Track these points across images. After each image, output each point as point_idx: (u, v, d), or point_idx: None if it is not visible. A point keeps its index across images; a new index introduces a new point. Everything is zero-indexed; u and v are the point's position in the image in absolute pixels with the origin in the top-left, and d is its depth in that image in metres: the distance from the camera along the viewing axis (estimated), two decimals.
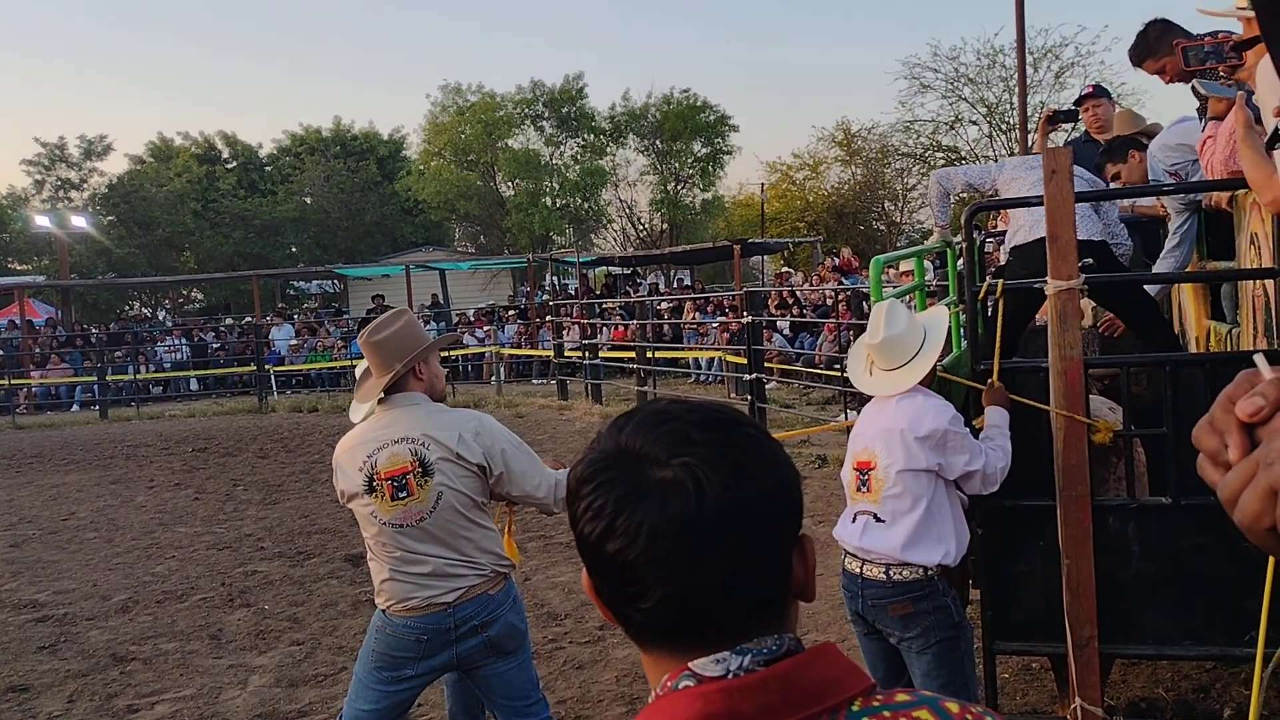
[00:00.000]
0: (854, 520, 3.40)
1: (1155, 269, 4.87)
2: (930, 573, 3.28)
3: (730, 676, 0.91)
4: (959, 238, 4.74)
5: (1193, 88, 3.91)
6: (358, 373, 3.89)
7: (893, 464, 3.28)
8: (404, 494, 3.27)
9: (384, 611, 3.36)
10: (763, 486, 0.93)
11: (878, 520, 3.31)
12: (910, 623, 3.30)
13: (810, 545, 0.98)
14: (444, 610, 3.28)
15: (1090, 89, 6.34)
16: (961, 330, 5.39)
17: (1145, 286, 4.83)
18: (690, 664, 0.92)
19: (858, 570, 3.36)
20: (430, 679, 3.49)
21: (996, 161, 6.15)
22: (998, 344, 3.76)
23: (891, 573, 3.28)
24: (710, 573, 0.91)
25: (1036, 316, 4.94)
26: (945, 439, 3.28)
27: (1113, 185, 5.28)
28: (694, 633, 0.93)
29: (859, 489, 3.37)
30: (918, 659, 3.33)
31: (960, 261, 5.29)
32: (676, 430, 0.95)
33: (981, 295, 3.88)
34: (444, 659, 3.34)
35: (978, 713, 0.92)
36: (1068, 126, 6.64)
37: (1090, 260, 3.91)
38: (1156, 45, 4.76)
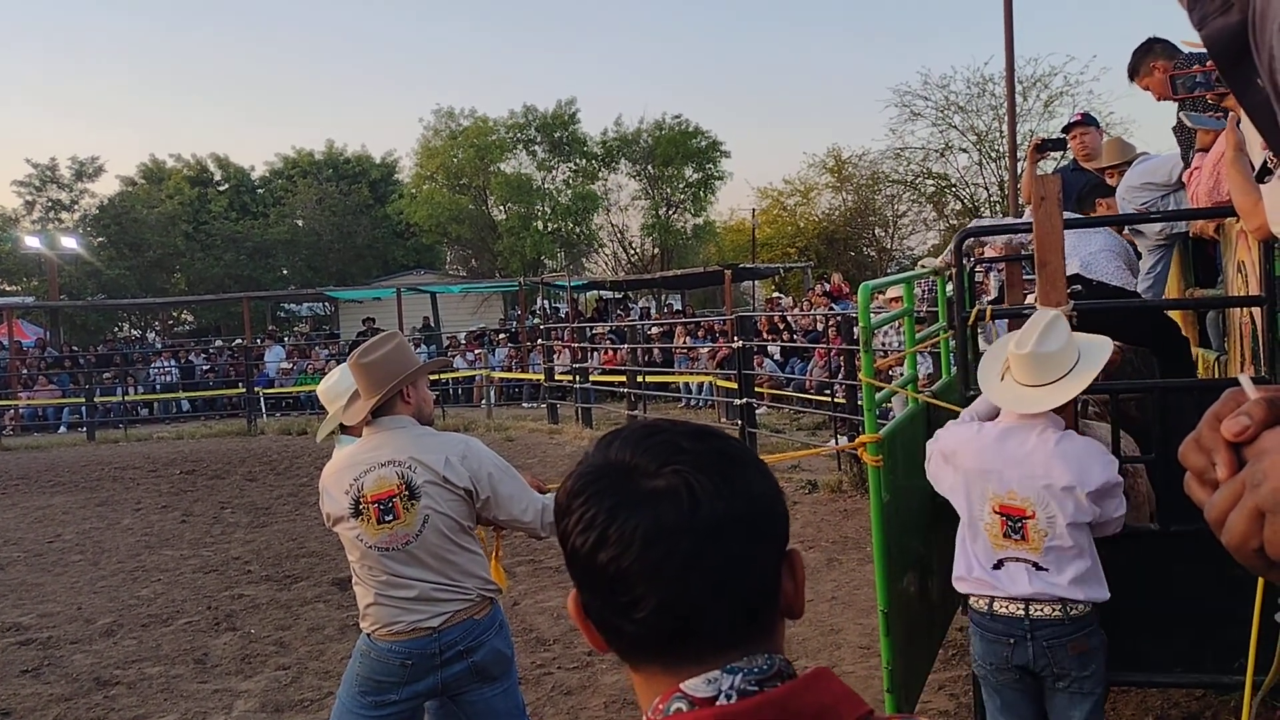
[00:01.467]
0: (999, 566, 3.14)
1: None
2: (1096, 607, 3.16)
3: (722, 698, 0.91)
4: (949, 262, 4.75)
5: (1180, 119, 3.95)
6: (323, 387, 3.86)
7: (1058, 518, 3.05)
8: (390, 517, 3.25)
9: (369, 636, 3.34)
10: (753, 494, 0.95)
11: (1039, 568, 3.10)
12: (1087, 660, 3.12)
13: (799, 560, 0.99)
14: (429, 635, 3.26)
15: (1079, 117, 6.38)
16: (951, 356, 5.41)
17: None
18: (681, 685, 0.92)
19: (1022, 613, 3.10)
20: (414, 704, 3.46)
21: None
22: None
23: (1069, 609, 3.09)
24: (703, 580, 0.91)
25: None
26: (1112, 490, 3.08)
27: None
28: (684, 644, 0.93)
29: (1008, 535, 3.12)
30: (1084, 701, 3.16)
31: (950, 287, 5.31)
32: (665, 441, 0.96)
33: (971, 321, 3.89)
34: (429, 684, 3.32)
35: None
36: (1055, 155, 6.68)
37: (1079, 287, 3.93)
38: (1138, 64, 4.85)
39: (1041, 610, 3.10)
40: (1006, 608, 3.13)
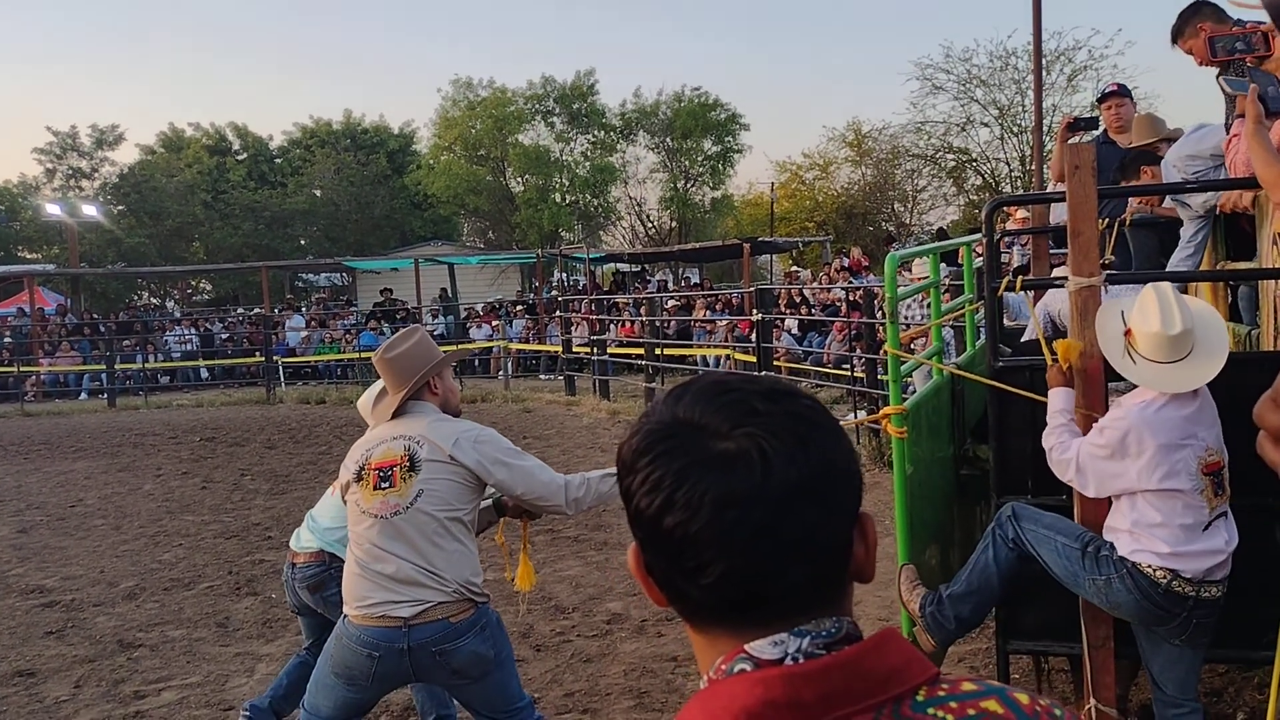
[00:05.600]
0: (1207, 529, 3.14)
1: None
2: None
3: (789, 660, 0.87)
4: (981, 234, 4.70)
5: (1219, 84, 3.88)
6: (362, 401, 3.87)
7: (1226, 459, 3.19)
8: (386, 484, 3.30)
9: (345, 617, 3.34)
10: (827, 458, 0.90)
11: (1227, 518, 3.20)
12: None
13: (871, 524, 0.94)
14: (398, 626, 3.22)
15: (1114, 87, 6.27)
16: (978, 329, 5.37)
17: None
18: (746, 646, 0.89)
19: (1193, 593, 3.13)
20: (391, 688, 3.49)
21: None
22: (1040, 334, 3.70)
23: (1224, 587, 3.19)
24: (774, 547, 0.87)
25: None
26: None
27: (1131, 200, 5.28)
28: (752, 610, 0.89)
29: (1217, 493, 3.15)
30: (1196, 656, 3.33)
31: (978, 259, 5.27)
32: (738, 400, 0.91)
33: (1001, 291, 3.85)
34: (401, 676, 3.33)
35: (1046, 705, 0.89)
36: (1089, 133, 6.56)
37: (1113, 258, 3.89)
38: (1183, 25, 4.75)
39: (1210, 591, 3.13)
40: (1179, 587, 3.13)
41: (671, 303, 21.04)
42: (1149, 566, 3.13)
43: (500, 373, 20.52)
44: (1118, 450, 3.14)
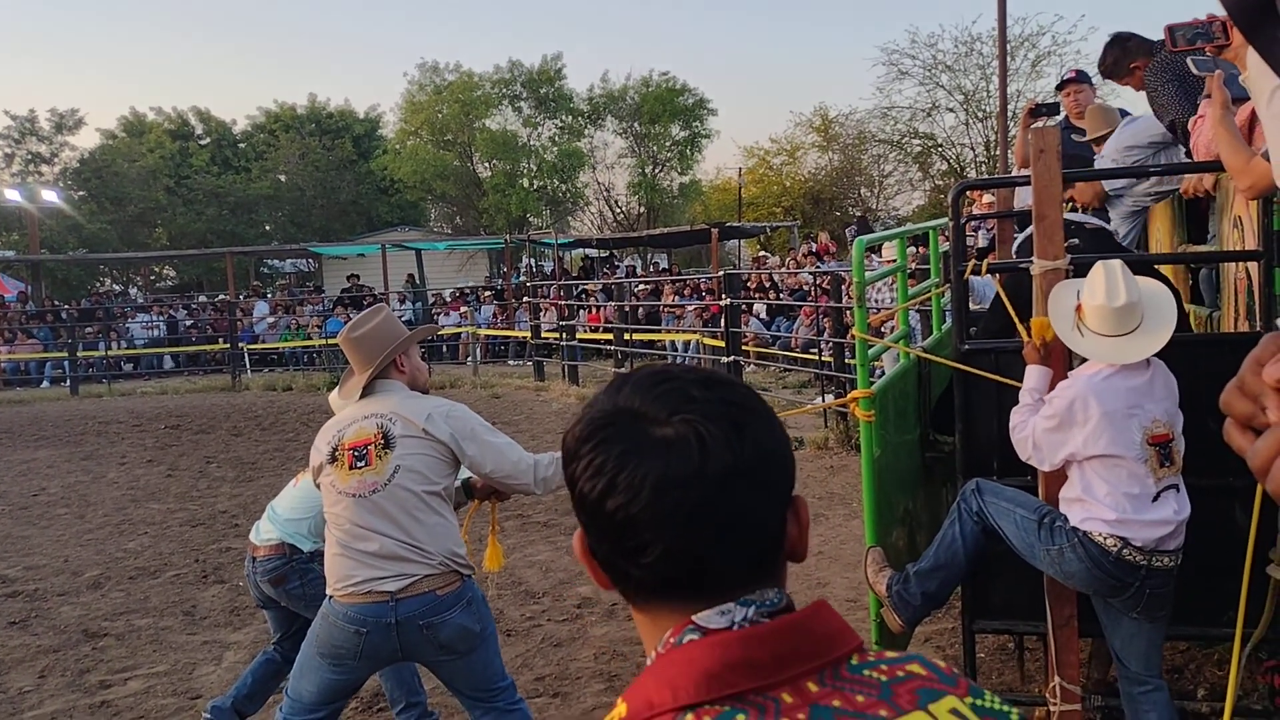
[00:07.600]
0: (1156, 499, 3.18)
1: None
2: None
3: (736, 627, 0.91)
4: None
5: (1188, 65, 3.92)
6: (334, 395, 3.87)
7: (1178, 432, 3.22)
8: (362, 463, 3.29)
9: (330, 598, 3.33)
10: (761, 442, 0.94)
11: (1179, 489, 3.23)
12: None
13: (804, 506, 0.99)
14: (385, 601, 3.22)
15: (1073, 74, 6.32)
16: (944, 312, 5.41)
17: None
18: (694, 617, 0.92)
19: (1145, 562, 3.17)
20: (377, 667, 3.49)
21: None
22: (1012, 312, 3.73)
23: (1178, 557, 3.22)
24: (711, 526, 0.91)
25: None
26: None
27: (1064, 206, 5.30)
28: (694, 586, 0.93)
29: (1163, 464, 3.19)
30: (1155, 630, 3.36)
31: (945, 243, 5.30)
32: (676, 389, 0.95)
33: (966, 276, 3.87)
34: (388, 653, 3.31)
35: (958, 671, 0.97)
36: (1052, 118, 6.61)
37: (1076, 240, 3.91)
38: (1115, 65, 4.79)
39: (1162, 561, 3.17)
40: (1130, 555, 3.17)
41: (640, 288, 21.03)
42: (1099, 535, 3.19)
43: (469, 358, 20.43)
44: (1064, 419, 3.20)
